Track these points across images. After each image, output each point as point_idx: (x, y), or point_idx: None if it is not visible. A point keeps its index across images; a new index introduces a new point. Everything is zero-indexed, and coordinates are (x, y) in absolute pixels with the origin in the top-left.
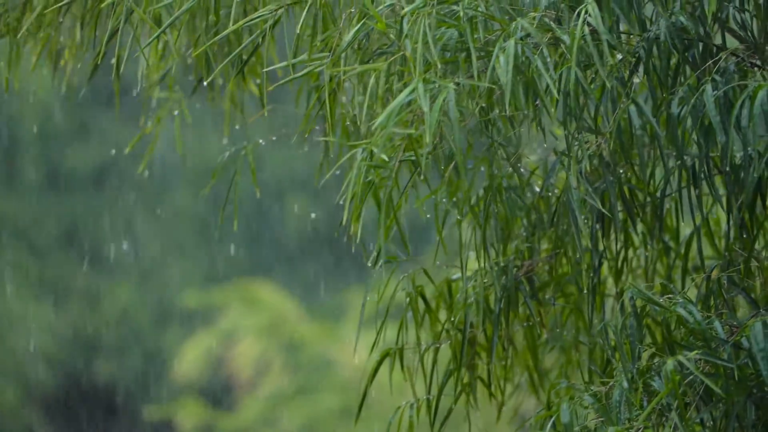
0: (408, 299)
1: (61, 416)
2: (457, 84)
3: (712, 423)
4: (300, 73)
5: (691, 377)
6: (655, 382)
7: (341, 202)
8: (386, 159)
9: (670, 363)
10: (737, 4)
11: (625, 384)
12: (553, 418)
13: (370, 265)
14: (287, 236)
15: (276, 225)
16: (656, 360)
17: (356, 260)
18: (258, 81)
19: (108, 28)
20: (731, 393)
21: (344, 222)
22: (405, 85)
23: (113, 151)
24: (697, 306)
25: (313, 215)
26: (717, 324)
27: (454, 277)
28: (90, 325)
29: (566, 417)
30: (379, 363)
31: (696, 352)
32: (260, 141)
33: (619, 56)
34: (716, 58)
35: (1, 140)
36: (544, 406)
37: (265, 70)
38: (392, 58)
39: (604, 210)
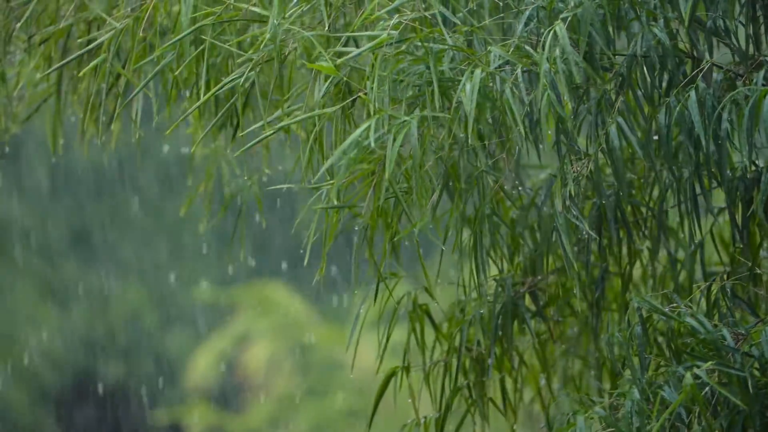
0: (411, 317)
1: (70, 418)
2: (425, 117)
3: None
4: (270, 132)
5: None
6: (665, 392)
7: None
8: (336, 201)
9: (689, 376)
10: (720, 12)
11: (637, 395)
12: None
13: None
14: (298, 238)
15: (287, 226)
16: (664, 369)
17: (368, 263)
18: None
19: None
20: (745, 402)
21: (305, 263)
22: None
23: (122, 153)
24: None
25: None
26: (726, 333)
27: (463, 297)
28: (99, 327)
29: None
30: (386, 382)
31: (710, 363)
32: (266, 171)
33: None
34: (700, 68)
35: (9, 144)
36: (545, 423)
37: (240, 134)
38: (344, 103)
39: (590, 232)
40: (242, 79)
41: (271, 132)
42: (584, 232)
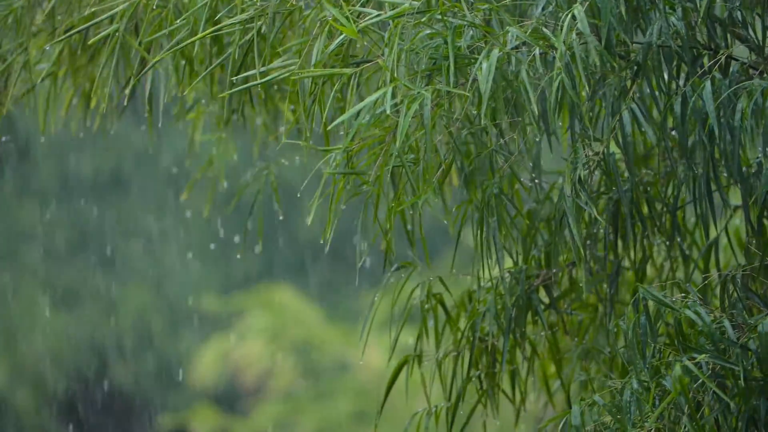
0: (423, 307)
1: (76, 421)
2: (439, 91)
3: (725, 423)
4: (262, 80)
5: (702, 379)
6: (667, 381)
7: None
8: (344, 165)
9: (678, 368)
10: (738, 3)
11: (635, 384)
12: (564, 420)
13: (359, 265)
14: (306, 239)
15: (295, 227)
16: (667, 359)
17: (376, 263)
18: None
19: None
20: (743, 394)
21: (309, 222)
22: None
23: (129, 156)
24: (711, 306)
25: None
26: (727, 324)
27: (476, 288)
28: (105, 330)
29: (577, 420)
30: (398, 371)
31: (704, 356)
32: (284, 161)
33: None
34: (716, 60)
35: (16, 147)
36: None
37: (232, 77)
38: (363, 67)
39: (599, 217)
40: (239, 32)
41: (262, 81)
42: (598, 227)
